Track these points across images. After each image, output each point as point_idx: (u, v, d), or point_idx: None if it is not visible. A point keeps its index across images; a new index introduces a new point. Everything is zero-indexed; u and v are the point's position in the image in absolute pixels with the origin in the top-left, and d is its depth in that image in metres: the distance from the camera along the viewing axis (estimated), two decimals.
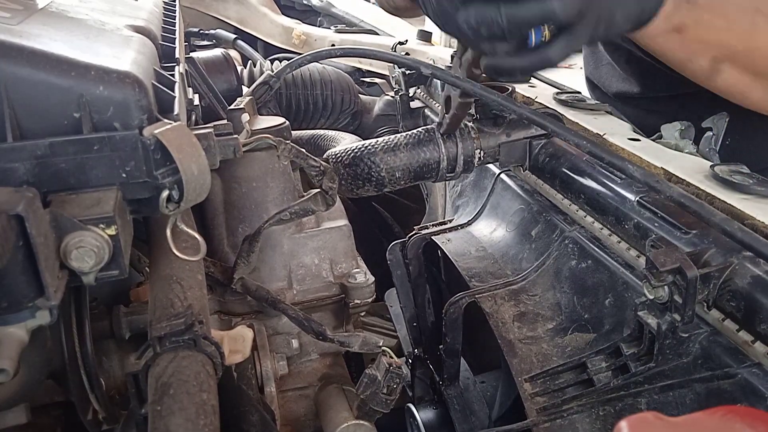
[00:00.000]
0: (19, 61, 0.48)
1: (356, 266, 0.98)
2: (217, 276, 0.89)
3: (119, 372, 0.79)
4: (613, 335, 0.73)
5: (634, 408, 0.68)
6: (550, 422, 0.71)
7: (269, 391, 0.86)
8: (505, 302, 0.84)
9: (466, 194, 1.14)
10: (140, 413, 0.57)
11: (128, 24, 0.72)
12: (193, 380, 0.52)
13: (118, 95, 0.50)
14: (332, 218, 1.00)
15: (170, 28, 0.87)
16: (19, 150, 0.48)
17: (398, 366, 0.82)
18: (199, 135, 0.55)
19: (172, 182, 0.51)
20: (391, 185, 0.90)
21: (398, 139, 0.90)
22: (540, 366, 0.76)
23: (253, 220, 0.94)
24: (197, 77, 1.09)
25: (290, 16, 2.23)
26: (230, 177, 0.95)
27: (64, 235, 0.47)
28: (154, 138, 0.50)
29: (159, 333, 0.55)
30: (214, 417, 0.50)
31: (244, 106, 1.00)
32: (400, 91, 1.38)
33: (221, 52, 1.34)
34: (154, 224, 0.71)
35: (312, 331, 0.86)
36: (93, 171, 0.50)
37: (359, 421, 0.83)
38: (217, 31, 2.11)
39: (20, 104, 0.48)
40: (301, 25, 2.08)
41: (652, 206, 0.73)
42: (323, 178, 0.82)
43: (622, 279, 0.74)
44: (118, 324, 0.79)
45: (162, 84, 0.58)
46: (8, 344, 0.47)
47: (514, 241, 0.94)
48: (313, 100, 1.53)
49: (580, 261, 0.81)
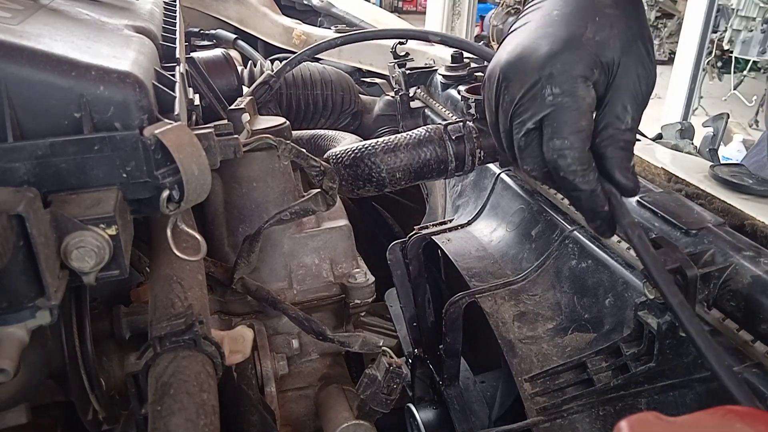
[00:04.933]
0: (20, 61, 0.48)
1: (356, 266, 0.98)
2: (218, 276, 0.89)
3: (119, 372, 0.79)
4: (613, 335, 0.73)
5: (634, 408, 0.68)
6: (550, 422, 0.71)
7: (269, 391, 0.86)
8: (505, 302, 0.84)
9: (466, 194, 1.14)
10: (140, 413, 0.57)
11: (129, 24, 0.72)
12: (194, 380, 0.52)
13: (118, 95, 0.50)
14: (332, 218, 1.00)
15: (171, 28, 0.87)
16: (19, 150, 0.48)
17: (398, 366, 0.82)
18: (200, 135, 0.55)
19: (173, 182, 0.51)
20: (391, 185, 0.90)
21: (399, 140, 0.90)
22: (540, 366, 0.76)
23: (254, 220, 0.94)
24: (198, 77, 1.09)
25: (290, 16, 2.23)
26: (231, 177, 0.95)
27: (64, 235, 0.47)
28: (154, 138, 0.50)
29: (159, 333, 0.55)
30: (214, 417, 0.50)
31: (245, 106, 1.00)
32: (400, 91, 1.38)
33: (221, 52, 1.34)
34: (155, 224, 0.71)
35: (312, 331, 0.86)
36: (93, 171, 0.50)
37: (359, 421, 0.83)
38: (218, 31, 2.11)
39: (21, 104, 0.48)
40: (301, 25, 2.08)
41: (652, 206, 0.73)
42: (324, 178, 0.82)
43: (622, 279, 0.74)
44: (118, 324, 0.79)
45: (162, 84, 0.58)
46: (8, 344, 0.47)
47: (514, 240, 0.94)
48: (313, 100, 1.53)
49: (580, 261, 0.81)
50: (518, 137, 0.66)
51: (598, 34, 0.64)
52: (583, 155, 0.63)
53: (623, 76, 0.64)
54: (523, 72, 0.65)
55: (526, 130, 0.65)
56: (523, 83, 0.65)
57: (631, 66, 0.64)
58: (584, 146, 0.63)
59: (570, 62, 0.63)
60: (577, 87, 0.63)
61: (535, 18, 0.68)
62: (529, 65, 0.64)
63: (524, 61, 0.65)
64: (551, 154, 0.64)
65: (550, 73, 0.63)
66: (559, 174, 0.64)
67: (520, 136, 0.66)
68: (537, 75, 0.64)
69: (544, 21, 0.67)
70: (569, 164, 0.63)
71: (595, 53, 0.63)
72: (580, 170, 0.63)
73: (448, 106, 1.27)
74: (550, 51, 0.64)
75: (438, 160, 0.90)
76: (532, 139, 0.66)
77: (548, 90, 0.63)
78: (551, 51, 0.64)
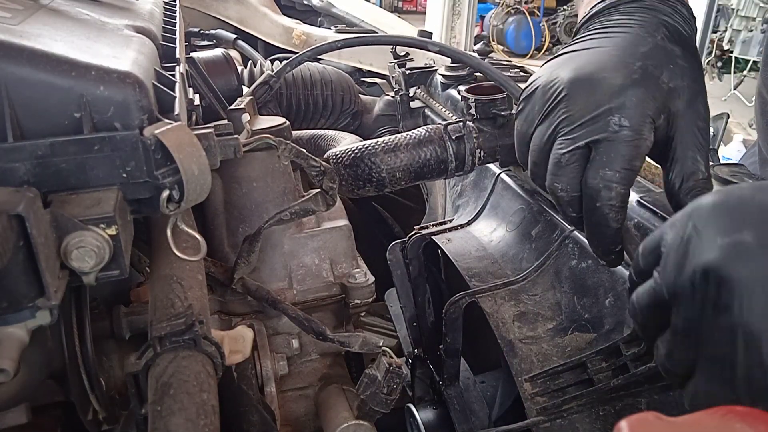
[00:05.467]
0: (20, 61, 0.48)
1: (356, 266, 0.98)
2: (218, 276, 0.89)
3: (119, 372, 0.79)
4: (613, 335, 0.73)
5: (634, 408, 0.68)
6: (550, 422, 0.71)
7: (269, 391, 0.86)
8: (505, 302, 0.84)
9: (466, 194, 1.14)
10: (140, 413, 0.57)
11: (129, 24, 0.72)
12: (194, 380, 0.52)
13: (118, 95, 0.50)
14: (332, 218, 1.00)
15: (171, 28, 0.87)
16: (19, 150, 0.48)
17: (398, 366, 0.82)
18: (200, 135, 0.55)
19: (173, 182, 0.51)
20: (391, 185, 0.90)
21: (399, 140, 0.90)
22: (540, 366, 0.76)
23: (254, 220, 0.94)
24: (198, 77, 1.09)
25: (290, 16, 2.23)
26: (230, 177, 0.95)
27: (64, 235, 0.47)
28: (154, 138, 0.50)
29: (159, 333, 0.55)
30: (214, 417, 0.50)
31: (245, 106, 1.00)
32: (400, 91, 1.38)
33: (222, 52, 1.34)
34: (155, 224, 0.71)
35: (312, 331, 0.86)
36: (93, 171, 0.50)
37: (359, 421, 0.83)
38: (218, 31, 2.11)
39: (21, 104, 0.48)
40: (301, 25, 2.08)
41: (651, 206, 0.73)
42: (324, 178, 0.82)
43: (622, 279, 0.74)
44: (118, 324, 0.79)
45: (162, 84, 0.58)
46: (8, 344, 0.48)
47: (515, 240, 0.94)
48: (313, 100, 1.53)
49: (581, 261, 0.81)
50: (560, 152, 0.64)
51: (672, 81, 0.64)
52: (626, 194, 0.62)
53: (686, 129, 0.64)
54: (592, 92, 0.63)
55: (575, 147, 0.63)
56: (589, 103, 0.63)
57: (693, 120, 0.64)
58: (630, 185, 0.62)
59: (645, 99, 0.62)
60: (644, 125, 0.62)
61: (608, 45, 0.67)
62: (601, 88, 0.63)
63: (596, 83, 0.64)
64: (597, 182, 0.62)
65: (623, 103, 0.62)
66: (596, 204, 0.63)
67: (565, 152, 0.64)
68: (608, 100, 0.62)
69: (619, 51, 0.66)
70: (612, 198, 0.62)
71: (667, 98, 0.63)
72: (618, 206, 0.62)
73: (448, 106, 1.27)
74: (628, 82, 0.63)
75: (438, 160, 0.90)
76: (575, 160, 0.64)
77: (615, 119, 0.62)
78: (629, 82, 0.63)
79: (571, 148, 0.64)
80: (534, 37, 8.80)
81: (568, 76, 0.65)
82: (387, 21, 2.08)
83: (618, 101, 0.62)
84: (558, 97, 0.65)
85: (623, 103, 0.62)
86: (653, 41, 0.66)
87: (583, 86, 0.64)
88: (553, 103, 0.66)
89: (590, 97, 0.63)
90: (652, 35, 0.66)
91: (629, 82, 0.63)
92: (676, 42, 0.66)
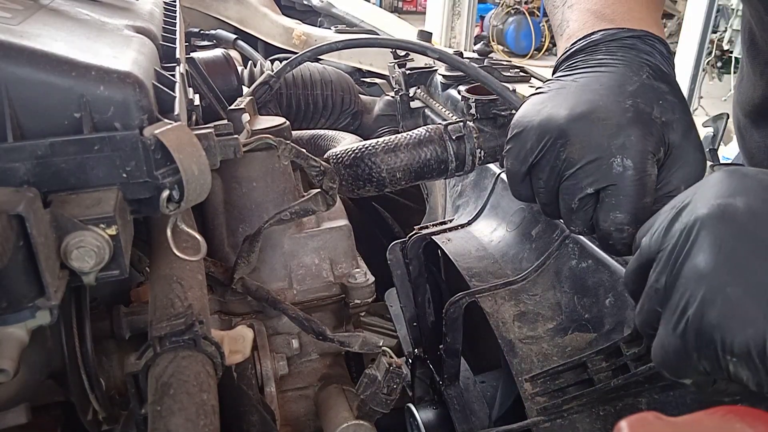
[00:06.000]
0: (20, 62, 0.48)
1: (356, 266, 0.98)
2: (218, 276, 0.89)
3: (119, 372, 0.79)
4: (613, 335, 0.73)
5: (634, 408, 0.68)
6: (551, 422, 0.71)
7: (269, 391, 0.86)
8: (506, 302, 0.84)
9: (466, 194, 1.14)
10: (140, 413, 0.57)
11: (129, 24, 0.72)
12: (193, 380, 0.52)
13: (118, 95, 0.50)
14: (332, 218, 1.00)
15: (171, 28, 0.87)
16: (19, 150, 0.48)
17: (398, 366, 0.82)
18: (200, 135, 0.55)
19: (173, 182, 0.51)
20: (391, 185, 0.90)
21: (399, 140, 0.90)
22: (540, 366, 0.76)
23: (254, 220, 0.94)
24: (198, 77, 1.09)
25: (290, 16, 2.23)
26: (230, 177, 0.95)
27: (64, 235, 0.47)
28: (154, 138, 0.50)
29: (159, 333, 0.55)
30: (214, 417, 0.50)
31: (245, 106, 1.00)
32: (400, 91, 1.38)
33: (222, 52, 1.34)
34: (155, 224, 0.71)
35: (312, 331, 0.86)
36: (93, 171, 0.50)
37: (359, 421, 0.83)
38: (218, 31, 2.11)
39: (21, 104, 0.48)
40: (301, 25, 2.08)
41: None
42: (324, 178, 0.82)
43: (622, 279, 0.74)
44: (118, 324, 0.79)
45: (162, 84, 0.58)
46: (8, 344, 0.48)
47: (515, 240, 0.94)
48: (313, 100, 1.53)
49: (581, 261, 0.81)
50: (569, 201, 0.65)
51: (664, 116, 0.64)
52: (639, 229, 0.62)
53: (685, 161, 0.64)
54: (589, 135, 0.63)
55: (584, 195, 0.63)
56: (589, 148, 0.62)
57: (690, 151, 0.64)
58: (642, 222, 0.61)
59: (643, 136, 0.62)
60: (646, 162, 0.62)
61: (595, 84, 0.66)
62: (597, 130, 0.62)
63: (592, 125, 0.63)
64: (608, 225, 0.62)
65: (623, 144, 0.61)
66: (608, 242, 0.64)
67: (575, 200, 0.64)
68: (607, 143, 0.62)
69: (607, 90, 0.65)
70: (625, 238, 0.62)
71: (662, 133, 0.63)
72: (631, 243, 0.62)
73: (448, 106, 1.27)
74: (624, 121, 0.62)
75: (438, 160, 0.90)
76: (585, 204, 0.64)
77: (618, 160, 0.61)
78: (624, 121, 0.62)
79: (580, 196, 0.64)
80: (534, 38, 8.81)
81: (563, 115, 0.65)
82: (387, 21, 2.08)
83: (617, 142, 0.62)
84: (553, 136, 0.65)
85: (623, 143, 0.62)
86: (639, 80, 0.65)
87: (579, 127, 0.63)
88: (548, 143, 0.65)
89: (589, 140, 0.63)
90: (637, 74, 0.66)
91: (625, 122, 0.62)
92: (661, 79, 0.66)
